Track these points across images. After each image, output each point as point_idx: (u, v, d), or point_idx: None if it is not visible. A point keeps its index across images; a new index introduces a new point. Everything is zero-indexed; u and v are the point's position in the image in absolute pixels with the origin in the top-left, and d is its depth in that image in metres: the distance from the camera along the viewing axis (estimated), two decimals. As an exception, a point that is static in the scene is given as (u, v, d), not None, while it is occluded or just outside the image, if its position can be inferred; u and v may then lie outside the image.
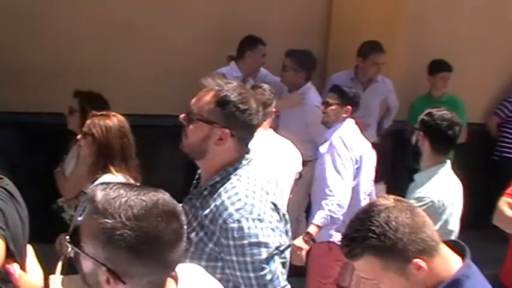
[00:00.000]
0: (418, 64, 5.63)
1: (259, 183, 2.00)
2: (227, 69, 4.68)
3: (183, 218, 1.38)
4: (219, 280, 1.69)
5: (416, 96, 5.66)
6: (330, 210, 3.55)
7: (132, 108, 4.72)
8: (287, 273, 2.06)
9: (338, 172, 3.62)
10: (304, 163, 4.13)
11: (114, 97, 4.23)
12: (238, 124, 1.96)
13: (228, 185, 1.96)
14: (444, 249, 1.63)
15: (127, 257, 1.28)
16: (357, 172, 3.74)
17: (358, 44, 5.24)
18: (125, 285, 1.30)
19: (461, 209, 3.28)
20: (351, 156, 3.70)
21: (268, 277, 1.91)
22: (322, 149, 3.76)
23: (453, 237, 3.16)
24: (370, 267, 1.58)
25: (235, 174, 1.98)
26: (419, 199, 3.01)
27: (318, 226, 3.58)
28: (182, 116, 2.02)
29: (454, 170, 3.30)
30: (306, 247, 3.57)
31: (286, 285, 1.98)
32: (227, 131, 1.95)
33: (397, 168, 5.06)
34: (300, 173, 3.72)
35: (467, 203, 3.53)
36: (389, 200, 1.60)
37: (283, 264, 2.01)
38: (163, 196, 1.35)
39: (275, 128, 4.34)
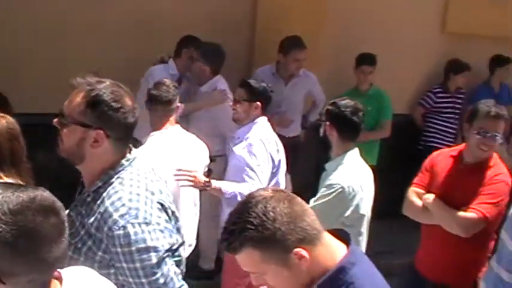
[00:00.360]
0: (345, 58, 5.67)
1: (143, 184, 1.93)
2: (165, 65, 4.65)
3: (64, 213, 1.37)
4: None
5: (346, 89, 5.71)
6: (240, 192, 3.35)
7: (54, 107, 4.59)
8: (184, 270, 2.04)
9: (255, 173, 3.49)
10: (212, 158, 4.10)
11: (38, 95, 4.09)
12: (113, 124, 1.87)
13: (110, 190, 1.89)
14: (327, 238, 1.61)
15: (4, 253, 1.26)
16: (274, 175, 3.65)
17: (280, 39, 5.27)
18: (4, 285, 1.27)
19: (373, 194, 3.33)
20: (270, 162, 3.58)
21: (161, 281, 1.87)
22: (238, 149, 3.59)
23: (365, 221, 3.23)
24: (251, 260, 1.55)
25: (118, 178, 1.91)
26: (329, 186, 3.05)
27: (220, 191, 3.40)
28: (55, 120, 1.93)
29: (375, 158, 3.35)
30: (198, 185, 3.37)
31: (182, 285, 1.94)
32: (101, 132, 1.87)
33: (321, 161, 5.11)
34: (210, 168, 3.68)
35: (393, 192, 3.57)
36: (268, 191, 1.58)
37: (178, 262, 1.98)
38: (42, 193, 1.34)
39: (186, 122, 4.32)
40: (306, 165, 5.09)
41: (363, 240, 3.26)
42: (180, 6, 5.12)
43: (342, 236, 1.67)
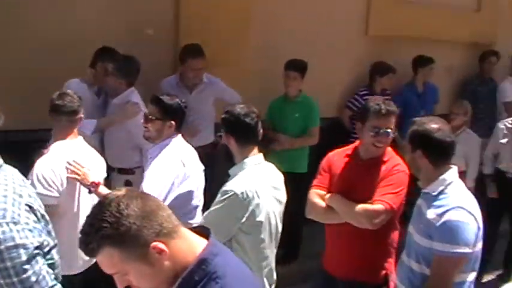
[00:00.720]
0: (272, 64, 5.68)
1: (10, 188, 2.00)
2: (83, 78, 4.56)
3: None
4: None
5: (274, 96, 5.71)
6: None
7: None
8: (59, 274, 2.07)
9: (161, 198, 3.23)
10: (131, 171, 4.03)
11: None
12: None
13: None
14: (186, 232, 1.65)
15: None
16: (188, 199, 3.46)
17: (208, 48, 5.25)
18: None
19: (283, 200, 3.22)
20: (176, 188, 3.35)
21: (33, 279, 1.90)
22: (147, 169, 3.40)
23: (267, 228, 3.09)
24: (111, 260, 1.55)
25: None
26: (223, 192, 2.97)
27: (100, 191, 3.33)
28: None
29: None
30: (84, 182, 3.30)
31: (55, 285, 1.97)
32: None
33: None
34: (129, 180, 3.60)
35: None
36: (121, 191, 1.62)
37: (52, 266, 2.02)
38: None
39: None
40: (224, 172, 5.05)
41: (267, 248, 3.12)
42: (100, 18, 5.02)
43: (203, 232, 1.70)
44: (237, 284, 1.59)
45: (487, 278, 5.74)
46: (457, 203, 2.74)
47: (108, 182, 3.91)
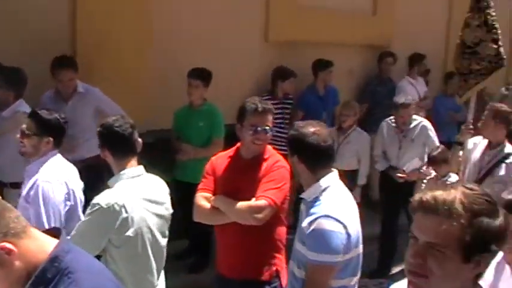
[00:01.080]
0: (176, 72, 5.65)
1: None
2: None
3: None
4: None
5: (182, 104, 5.68)
6: None
7: None
8: None
9: (42, 224, 3.14)
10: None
11: None
12: None
13: None
14: (36, 232, 1.68)
15: None
16: (73, 215, 3.36)
17: (105, 58, 5.18)
18: None
19: (166, 214, 3.19)
20: (61, 203, 3.26)
21: None
22: (27, 187, 3.28)
23: (141, 241, 3.00)
24: None
25: None
26: (92, 205, 2.92)
27: None
28: None
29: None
30: None
31: None
32: None
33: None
34: None
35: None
36: None
37: None
38: None
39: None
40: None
41: (143, 262, 3.03)
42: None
43: (55, 232, 1.74)
44: (89, 278, 1.62)
45: (394, 270, 5.96)
46: (325, 211, 2.68)
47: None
